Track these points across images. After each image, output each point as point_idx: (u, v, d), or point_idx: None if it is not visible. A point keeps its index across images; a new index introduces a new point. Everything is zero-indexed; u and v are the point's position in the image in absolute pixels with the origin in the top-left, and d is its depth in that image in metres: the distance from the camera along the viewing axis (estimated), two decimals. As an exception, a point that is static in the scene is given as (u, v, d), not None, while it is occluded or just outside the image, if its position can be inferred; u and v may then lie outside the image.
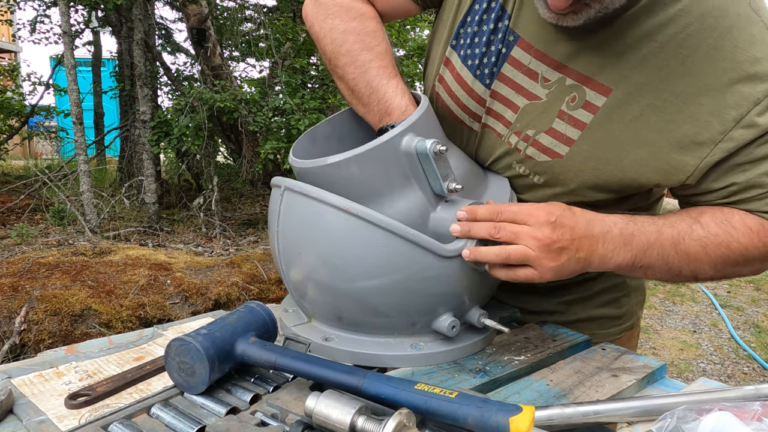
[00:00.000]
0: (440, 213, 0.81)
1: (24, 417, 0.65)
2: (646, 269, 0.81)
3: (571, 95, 0.83)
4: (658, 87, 0.78)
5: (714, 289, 4.74)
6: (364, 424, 0.56)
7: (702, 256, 0.80)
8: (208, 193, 5.02)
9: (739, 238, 0.80)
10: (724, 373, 3.25)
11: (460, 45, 0.91)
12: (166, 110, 4.88)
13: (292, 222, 0.80)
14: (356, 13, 0.92)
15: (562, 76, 0.83)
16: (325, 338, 0.83)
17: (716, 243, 0.80)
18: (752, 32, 0.75)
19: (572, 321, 1.07)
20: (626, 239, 0.78)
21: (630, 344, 1.14)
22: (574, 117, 0.83)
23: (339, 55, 0.90)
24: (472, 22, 0.89)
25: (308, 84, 5.24)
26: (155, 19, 5.42)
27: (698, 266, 0.81)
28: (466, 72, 0.91)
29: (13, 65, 7.99)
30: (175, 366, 0.68)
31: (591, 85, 0.81)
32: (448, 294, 0.79)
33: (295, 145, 0.91)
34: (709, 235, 0.80)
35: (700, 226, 0.81)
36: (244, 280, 3.49)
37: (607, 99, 0.80)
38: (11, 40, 11.48)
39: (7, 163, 6.92)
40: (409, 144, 0.77)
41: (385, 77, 0.86)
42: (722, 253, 0.80)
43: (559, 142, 0.85)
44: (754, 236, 0.80)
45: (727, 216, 0.81)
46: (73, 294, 2.94)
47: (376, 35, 0.91)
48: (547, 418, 0.63)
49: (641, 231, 0.79)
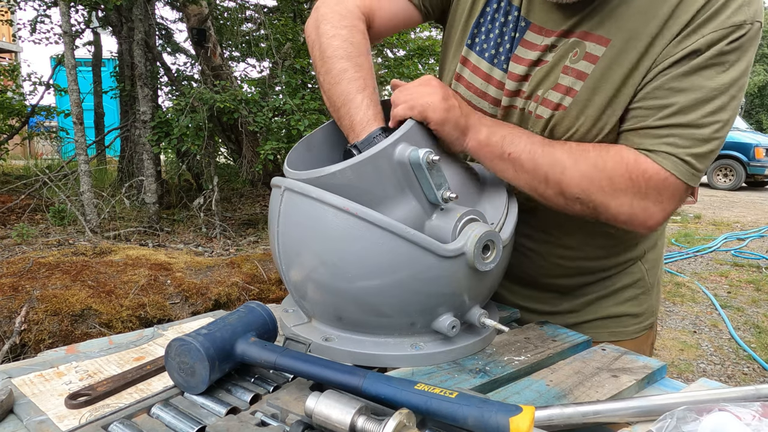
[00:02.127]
0: (435, 221, 0.81)
1: (24, 417, 0.65)
2: (515, 158, 0.84)
3: (573, 51, 0.87)
4: (651, 32, 0.81)
5: (714, 289, 4.74)
6: (364, 424, 0.56)
7: (568, 164, 0.82)
8: (208, 193, 5.02)
9: (607, 161, 0.82)
10: (724, 374, 3.25)
11: (475, 43, 0.96)
12: (167, 110, 4.88)
13: (292, 222, 0.80)
14: (348, 23, 0.94)
15: (566, 39, 0.87)
16: (325, 338, 0.83)
17: (584, 157, 0.83)
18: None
19: (592, 320, 1.08)
20: (498, 121, 0.89)
21: (647, 344, 1.13)
22: (577, 69, 0.86)
23: (322, 61, 0.91)
24: (485, 21, 0.95)
25: (308, 84, 5.24)
26: (155, 19, 5.43)
27: (564, 175, 0.83)
28: (483, 63, 0.96)
29: (14, 65, 8.00)
30: (175, 366, 0.68)
31: (591, 38, 0.85)
32: (448, 294, 0.79)
33: (291, 153, 0.91)
34: (579, 149, 0.84)
35: (576, 143, 0.85)
36: (244, 280, 3.49)
37: (606, 49, 0.84)
38: (11, 40, 11.48)
39: (8, 163, 6.92)
40: (402, 154, 0.78)
41: (354, 90, 0.87)
42: (589, 168, 0.82)
43: (564, 95, 0.88)
44: (622, 165, 0.81)
45: (607, 144, 0.85)
46: (74, 294, 2.94)
47: (359, 47, 0.92)
48: (546, 418, 0.63)
49: (515, 126, 0.88)
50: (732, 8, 0.78)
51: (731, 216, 8.31)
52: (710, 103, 0.79)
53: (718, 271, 5.34)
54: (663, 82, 0.81)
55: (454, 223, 0.79)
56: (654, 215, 0.83)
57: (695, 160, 0.81)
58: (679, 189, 0.82)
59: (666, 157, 0.81)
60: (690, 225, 7.63)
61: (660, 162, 0.81)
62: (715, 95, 0.79)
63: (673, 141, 0.80)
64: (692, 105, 0.80)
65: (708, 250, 6.05)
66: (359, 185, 0.77)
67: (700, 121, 0.80)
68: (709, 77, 0.79)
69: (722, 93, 0.79)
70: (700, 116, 0.80)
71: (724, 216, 8.29)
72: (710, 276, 5.18)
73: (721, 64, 0.79)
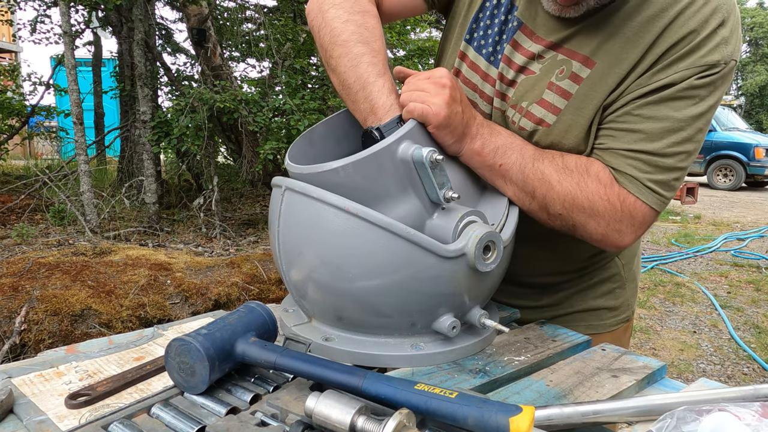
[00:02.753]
0: (436, 220, 0.81)
1: (24, 417, 0.65)
2: (506, 171, 0.86)
3: (560, 68, 0.88)
4: (632, 59, 0.84)
5: (714, 289, 4.74)
6: (364, 424, 0.56)
7: (554, 182, 0.85)
8: (208, 193, 5.02)
9: (588, 183, 0.85)
10: (724, 374, 3.25)
11: (474, 38, 0.97)
12: (167, 110, 4.88)
13: (293, 222, 0.80)
14: (360, 8, 0.93)
15: (555, 53, 0.88)
16: (326, 338, 0.83)
17: (569, 177, 0.85)
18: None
19: (571, 313, 1.11)
20: (496, 129, 0.87)
21: (625, 336, 1.18)
22: (561, 87, 0.88)
23: (335, 45, 0.90)
24: (484, 17, 0.95)
25: (308, 84, 5.24)
26: (155, 19, 5.43)
27: (549, 192, 0.85)
28: (481, 60, 0.96)
29: (14, 65, 7.99)
30: (175, 366, 0.68)
31: (577, 58, 0.87)
32: (448, 294, 0.79)
33: (292, 147, 0.91)
34: (565, 167, 0.86)
35: (562, 158, 0.87)
36: (244, 280, 3.49)
37: (591, 71, 0.86)
38: (12, 40, 11.48)
39: (8, 163, 6.92)
40: (405, 152, 0.78)
41: (374, 74, 0.86)
42: (572, 189, 0.85)
43: (548, 111, 0.90)
44: (600, 187, 0.85)
45: (587, 161, 0.87)
46: (74, 294, 2.94)
47: (374, 32, 0.91)
48: (546, 418, 0.63)
49: (511, 134, 0.88)
50: (709, 47, 0.80)
51: (731, 216, 8.31)
52: (676, 133, 0.83)
53: (718, 271, 5.34)
54: (633, 108, 0.84)
55: (455, 223, 0.79)
56: (625, 237, 0.87)
57: (658, 186, 0.84)
58: (647, 214, 0.86)
59: (631, 181, 0.84)
60: (690, 225, 7.63)
61: (626, 186, 0.85)
62: (682, 126, 0.82)
63: (636, 165, 0.84)
64: (658, 134, 0.83)
65: (708, 251, 6.05)
66: (361, 182, 0.77)
67: (664, 150, 0.83)
68: (678, 109, 0.82)
69: (689, 125, 0.83)
70: (665, 145, 0.83)
71: (724, 216, 8.30)
72: (710, 276, 5.18)
73: (691, 97, 0.82)
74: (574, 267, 1.10)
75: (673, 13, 0.81)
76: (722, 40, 0.80)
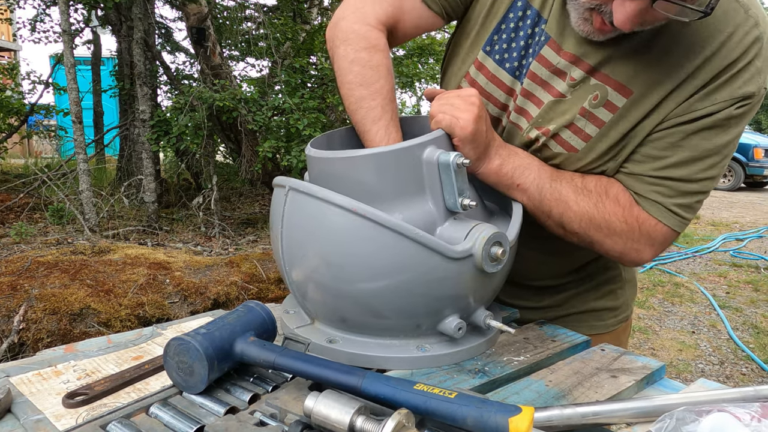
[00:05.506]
0: (447, 228, 0.80)
1: (22, 416, 0.65)
2: (524, 190, 0.87)
3: (594, 93, 0.87)
4: (668, 88, 0.83)
5: (713, 290, 4.75)
6: (363, 424, 0.56)
7: (572, 202, 0.87)
8: (207, 192, 5.02)
9: (606, 204, 0.87)
10: (723, 374, 3.26)
11: (494, 50, 0.95)
12: (166, 109, 4.88)
13: (297, 223, 0.79)
14: (368, 44, 0.92)
15: (588, 76, 0.87)
16: (329, 340, 0.82)
17: (587, 198, 0.87)
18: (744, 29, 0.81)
19: (572, 314, 1.11)
20: (513, 150, 0.89)
21: (624, 335, 1.19)
22: (595, 114, 0.87)
23: (342, 85, 0.93)
24: (507, 29, 0.93)
25: (308, 83, 5.24)
26: (155, 18, 5.42)
27: (566, 212, 0.87)
28: (503, 74, 0.95)
29: (13, 64, 7.98)
30: (174, 365, 0.68)
31: (613, 85, 0.86)
32: (454, 296, 0.78)
33: (313, 141, 0.92)
34: (584, 188, 0.88)
35: (582, 179, 0.88)
36: (243, 279, 3.49)
37: (627, 100, 0.85)
38: (11, 38, 11.47)
39: (6, 161, 6.91)
40: (431, 154, 0.79)
41: (370, 120, 0.88)
42: (590, 209, 0.87)
43: (577, 137, 0.89)
44: (619, 209, 0.86)
45: (607, 182, 0.89)
46: (72, 293, 2.94)
47: (378, 70, 0.91)
48: (546, 419, 0.63)
49: (528, 155, 0.90)
50: (745, 77, 0.80)
51: (730, 216, 8.31)
52: (703, 161, 0.84)
53: (717, 271, 5.34)
54: (664, 134, 0.85)
55: (467, 232, 0.78)
56: (643, 256, 0.90)
57: (681, 210, 0.86)
58: (668, 235, 0.88)
59: (653, 205, 0.86)
60: (689, 225, 7.63)
61: (648, 209, 0.86)
62: (710, 155, 0.84)
63: (661, 191, 0.86)
64: (686, 161, 0.84)
65: (707, 251, 6.05)
66: (377, 177, 0.78)
67: (691, 177, 0.85)
68: (708, 138, 0.83)
69: (716, 153, 0.84)
70: (692, 172, 0.84)
71: (723, 216, 8.30)
72: (709, 276, 5.18)
73: (722, 126, 0.83)
74: (576, 269, 1.10)
75: (716, 44, 0.80)
76: (757, 70, 0.81)
